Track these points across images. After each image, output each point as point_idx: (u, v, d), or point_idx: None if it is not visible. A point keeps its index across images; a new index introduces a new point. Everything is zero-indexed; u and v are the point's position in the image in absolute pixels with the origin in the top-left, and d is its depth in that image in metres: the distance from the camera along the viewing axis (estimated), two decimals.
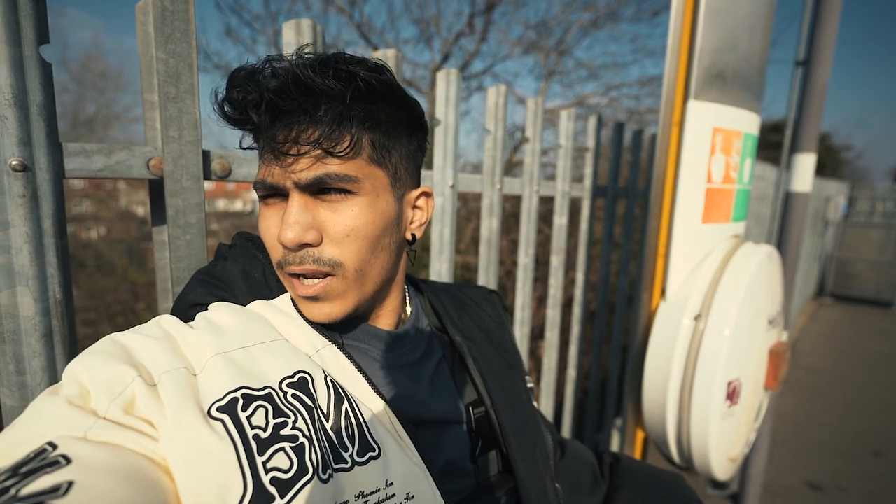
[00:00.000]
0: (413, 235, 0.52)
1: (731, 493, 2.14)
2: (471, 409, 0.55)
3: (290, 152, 0.41)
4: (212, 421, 0.34)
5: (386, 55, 0.82)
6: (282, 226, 0.42)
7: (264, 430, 0.35)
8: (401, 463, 0.41)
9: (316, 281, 0.44)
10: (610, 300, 1.87)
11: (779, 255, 1.17)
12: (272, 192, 0.44)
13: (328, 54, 0.43)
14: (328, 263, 0.44)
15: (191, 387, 0.36)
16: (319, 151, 0.41)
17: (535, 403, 0.64)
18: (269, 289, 0.49)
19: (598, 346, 1.79)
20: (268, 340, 0.42)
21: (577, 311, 1.60)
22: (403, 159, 0.48)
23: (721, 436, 0.98)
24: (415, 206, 0.52)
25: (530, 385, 0.65)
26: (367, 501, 0.38)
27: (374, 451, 0.40)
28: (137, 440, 0.32)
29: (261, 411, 0.36)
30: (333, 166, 0.42)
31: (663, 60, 1.03)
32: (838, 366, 3.94)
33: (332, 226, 0.43)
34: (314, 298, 0.45)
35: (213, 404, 0.35)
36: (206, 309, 0.45)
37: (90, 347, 0.37)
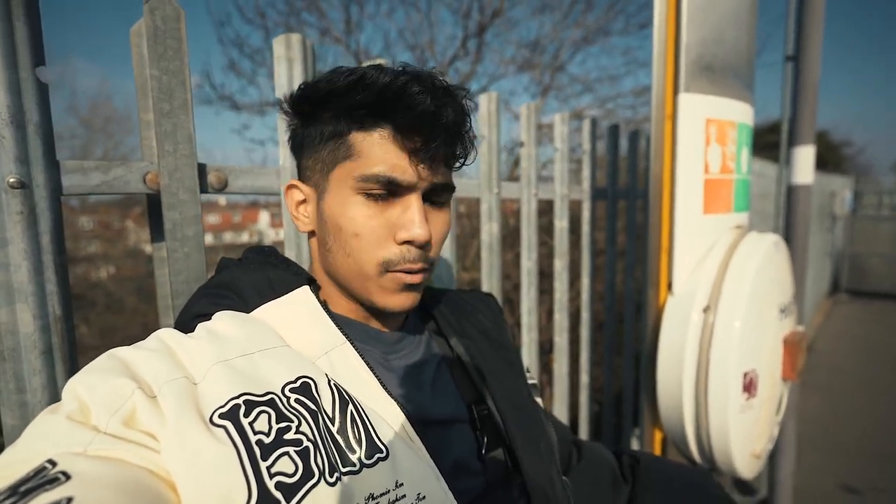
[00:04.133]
0: None
1: (760, 499, 2.06)
2: (473, 407, 0.55)
3: (437, 158, 0.46)
4: (214, 428, 0.34)
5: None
6: (411, 223, 0.46)
7: (267, 434, 0.35)
8: (410, 463, 0.40)
9: (419, 273, 0.48)
10: (618, 310, 1.85)
11: (785, 244, 1.16)
12: (388, 188, 0.46)
13: (449, 82, 0.48)
14: (430, 261, 0.49)
15: (191, 396, 0.35)
16: (455, 165, 0.49)
17: (538, 399, 0.62)
18: (284, 294, 0.49)
19: (609, 355, 1.76)
20: (269, 347, 0.42)
21: (584, 315, 1.58)
22: None
23: (742, 430, 0.95)
24: None
25: (532, 381, 0.64)
26: (377, 503, 0.37)
27: (382, 452, 0.39)
28: (139, 453, 0.31)
29: (263, 416, 0.36)
30: (449, 179, 0.50)
31: None
32: (860, 363, 3.83)
33: (435, 230, 0.49)
34: (414, 287, 0.49)
35: (214, 411, 0.35)
36: (210, 319, 0.45)
37: (89, 364, 0.37)
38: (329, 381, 0.41)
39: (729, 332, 0.93)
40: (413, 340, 0.56)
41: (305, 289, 0.48)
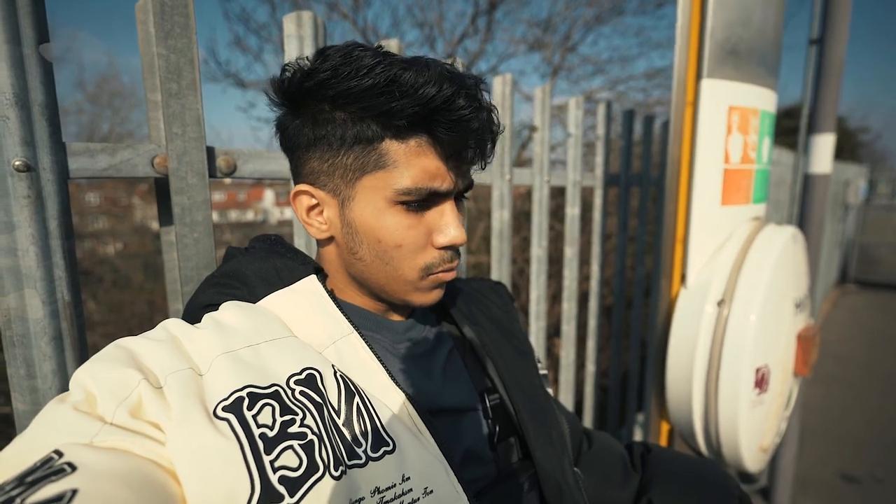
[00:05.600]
0: None
1: (760, 487, 2.08)
2: (485, 396, 0.54)
3: (475, 163, 0.48)
4: (217, 421, 0.33)
5: (389, 45, 0.80)
6: (449, 227, 0.47)
7: (271, 428, 0.35)
8: (418, 456, 0.40)
9: (453, 270, 0.50)
10: (626, 294, 1.83)
11: (803, 237, 1.13)
12: (427, 198, 0.46)
13: (480, 78, 0.47)
14: (460, 255, 0.51)
15: (196, 387, 0.35)
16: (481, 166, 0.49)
17: (549, 390, 0.62)
18: (291, 283, 0.48)
19: (616, 340, 1.75)
20: (276, 338, 0.41)
21: (593, 303, 1.57)
22: None
23: (751, 425, 0.94)
24: None
25: (543, 372, 0.63)
26: (383, 497, 0.36)
27: (389, 445, 0.39)
28: (144, 444, 0.31)
29: (267, 409, 0.35)
30: (471, 176, 0.50)
31: (670, 52, 1.02)
32: (867, 353, 3.82)
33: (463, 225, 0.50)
34: (447, 283, 0.50)
35: (218, 404, 0.34)
36: (217, 309, 0.44)
37: (96, 354, 0.36)
38: (335, 373, 0.41)
39: (744, 326, 0.92)
40: (423, 329, 0.55)
41: (312, 278, 0.47)
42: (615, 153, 1.64)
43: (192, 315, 0.45)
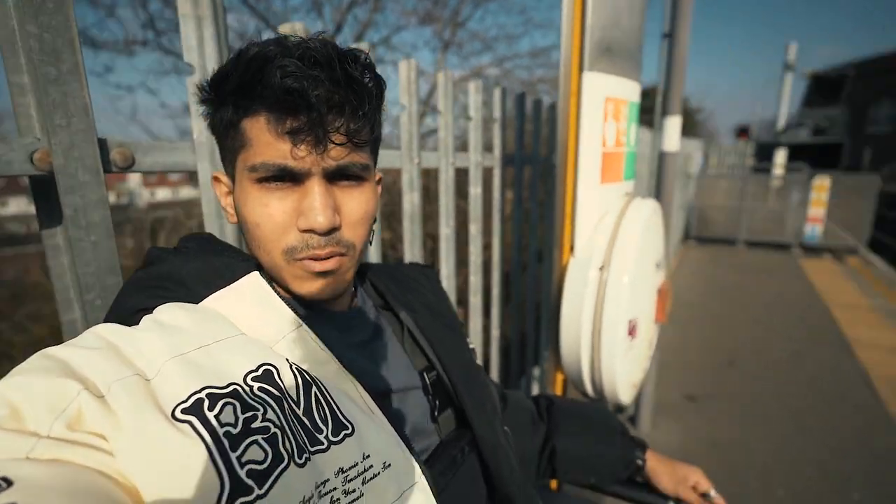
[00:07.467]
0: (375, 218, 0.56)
1: (629, 415, 2.50)
2: (424, 374, 0.59)
3: (336, 141, 0.43)
4: (178, 423, 0.33)
5: (294, 28, 0.77)
6: (310, 210, 0.44)
7: (234, 426, 0.35)
8: (374, 435, 0.43)
9: (330, 258, 0.47)
10: (522, 260, 2.02)
11: (660, 207, 1.36)
12: (283, 175, 0.44)
13: (355, 52, 0.44)
14: (345, 245, 0.48)
15: (147, 393, 0.34)
16: (349, 143, 0.44)
17: (478, 362, 0.70)
18: (232, 281, 0.47)
19: (515, 304, 1.94)
20: (226, 337, 0.41)
21: (495, 275, 1.71)
22: (378, 146, 0.54)
23: (626, 366, 1.15)
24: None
25: (472, 346, 0.71)
26: (347, 476, 0.39)
27: (348, 428, 0.41)
28: (88, 455, 0.30)
29: (228, 408, 0.36)
30: (357, 156, 0.46)
31: (550, 33, 1.13)
32: (704, 297, 4.69)
33: (349, 211, 0.47)
34: (328, 273, 0.47)
35: (176, 406, 0.34)
36: (152, 313, 0.42)
37: (18, 366, 0.33)
38: (291, 366, 0.42)
39: (619, 287, 1.10)
40: (364, 316, 0.58)
41: (255, 274, 0.47)
42: (509, 128, 1.77)
43: (123, 320, 0.42)
